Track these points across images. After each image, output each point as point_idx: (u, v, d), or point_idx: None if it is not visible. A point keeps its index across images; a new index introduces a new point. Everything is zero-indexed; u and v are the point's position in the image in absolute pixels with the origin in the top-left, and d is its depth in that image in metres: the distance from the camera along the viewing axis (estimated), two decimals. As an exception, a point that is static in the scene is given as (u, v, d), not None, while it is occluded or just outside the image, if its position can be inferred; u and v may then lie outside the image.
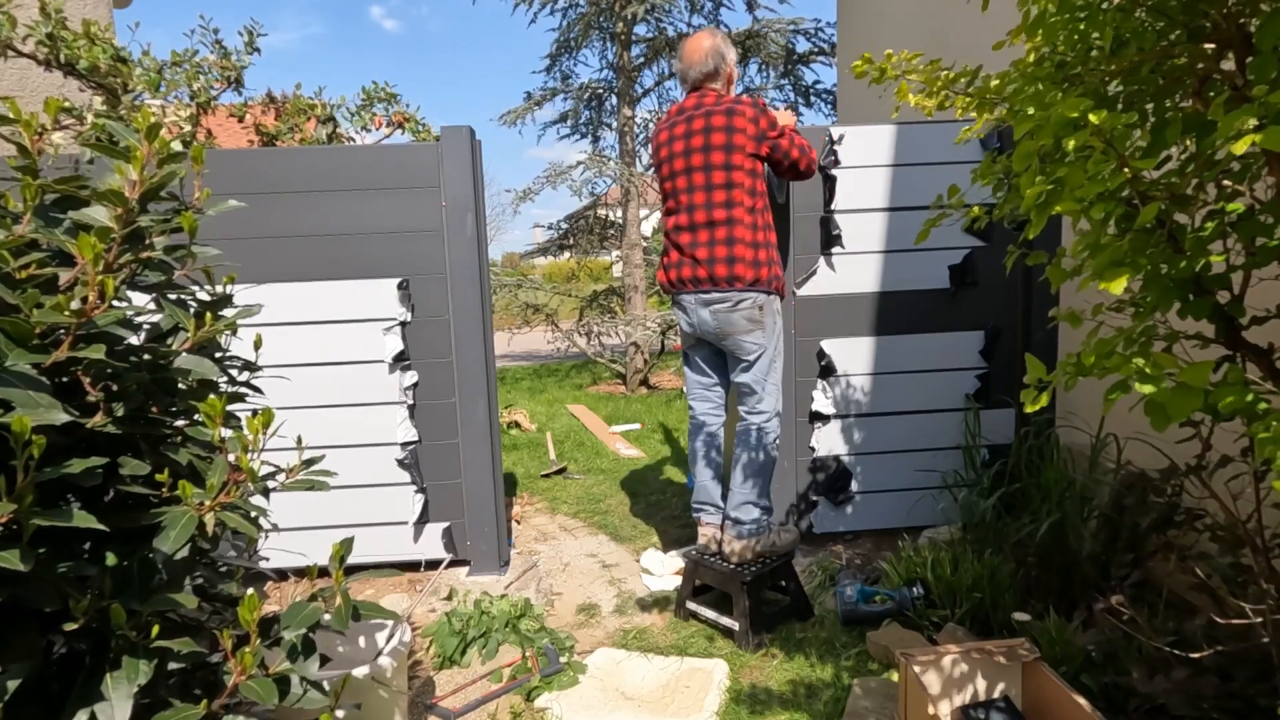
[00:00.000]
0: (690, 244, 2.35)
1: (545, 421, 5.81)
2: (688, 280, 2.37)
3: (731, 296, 2.31)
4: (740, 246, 2.29)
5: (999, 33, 1.37)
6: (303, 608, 1.16)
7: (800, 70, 8.60)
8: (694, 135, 2.34)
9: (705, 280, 2.33)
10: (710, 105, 2.35)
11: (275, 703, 1.02)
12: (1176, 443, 1.79)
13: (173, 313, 1.12)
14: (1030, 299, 2.83)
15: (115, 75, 3.17)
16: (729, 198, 2.30)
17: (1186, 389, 0.97)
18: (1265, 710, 1.49)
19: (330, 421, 2.73)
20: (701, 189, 2.33)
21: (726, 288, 2.30)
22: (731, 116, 2.30)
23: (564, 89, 8.35)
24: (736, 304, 2.31)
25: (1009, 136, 2.69)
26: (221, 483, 1.01)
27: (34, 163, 1.00)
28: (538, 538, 3.32)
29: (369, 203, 2.70)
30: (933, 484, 2.89)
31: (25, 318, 0.88)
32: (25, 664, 0.88)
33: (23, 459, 0.79)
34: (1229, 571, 1.70)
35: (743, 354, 2.38)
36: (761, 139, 2.30)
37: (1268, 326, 1.28)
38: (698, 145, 2.32)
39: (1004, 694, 1.73)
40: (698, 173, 2.33)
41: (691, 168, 2.34)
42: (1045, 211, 1.12)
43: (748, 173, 2.30)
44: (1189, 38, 1.12)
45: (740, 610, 2.27)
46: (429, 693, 2.10)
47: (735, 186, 2.30)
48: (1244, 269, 1.21)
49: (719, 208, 2.30)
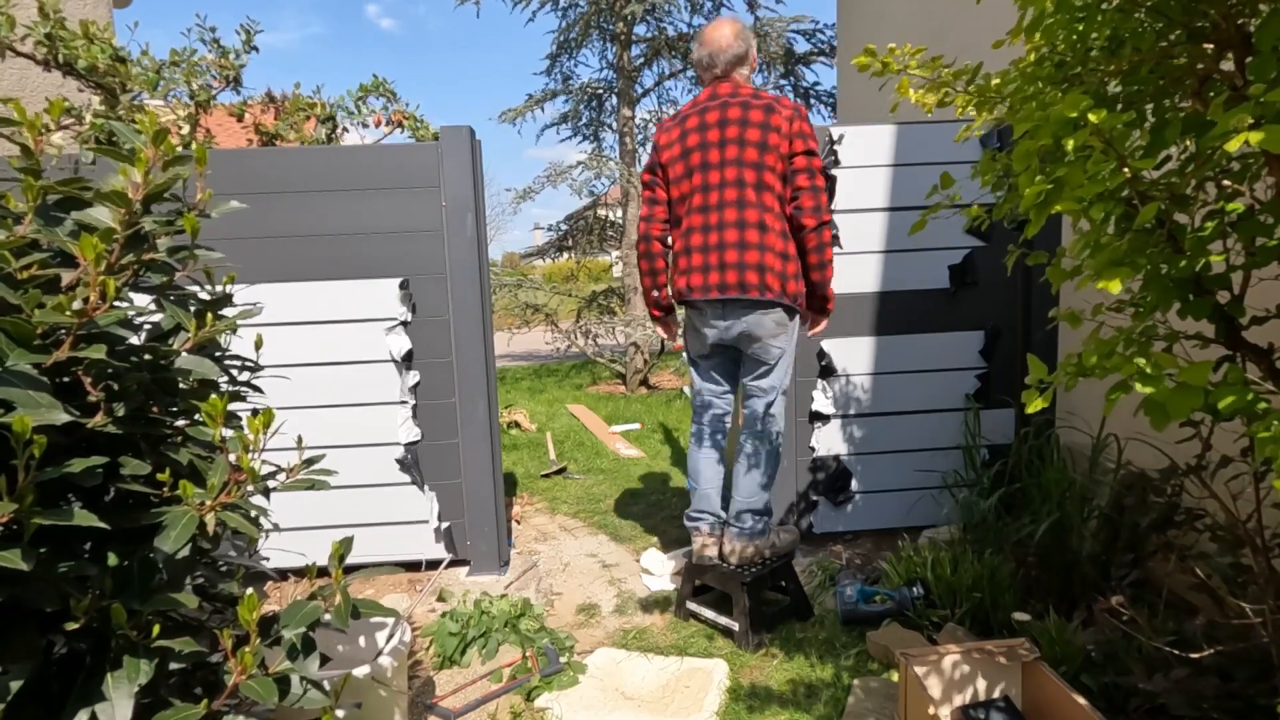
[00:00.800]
0: (717, 245, 2.16)
1: (545, 421, 5.81)
2: (713, 286, 2.18)
3: (760, 304, 2.17)
4: (771, 255, 2.13)
5: (999, 32, 1.38)
6: (302, 606, 1.16)
7: (800, 71, 8.61)
8: (728, 125, 2.14)
9: (734, 286, 2.15)
10: (747, 96, 2.16)
11: (276, 702, 1.02)
12: (1176, 443, 1.79)
13: (174, 313, 1.12)
14: (1030, 299, 2.83)
15: (114, 75, 3.17)
16: (761, 200, 2.13)
17: (1186, 388, 0.97)
18: (1265, 710, 1.49)
19: (330, 421, 2.73)
20: (733, 185, 2.14)
21: (757, 295, 2.14)
22: (770, 114, 2.12)
23: (564, 90, 8.35)
24: (765, 311, 2.18)
25: (1008, 135, 2.69)
26: (222, 483, 1.01)
27: (37, 163, 1.00)
28: (538, 538, 3.32)
29: (369, 203, 2.70)
30: (933, 484, 2.89)
31: (26, 318, 0.88)
32: (26, 664, 0.88)
33: (23, 459, 0.79)
34: (1229, 571, 1.70)
35: (767, 358, 2.25)
36: (796, 137, 2.12)
37: (1268, 326, 1.29)
38: (733, 136, 2.13)
39: (1004, 694, 1.74)
40: (730, 167, 2.14)
41: (725, 161, 2.14)
42: (1045, 211, 1.12)
43: (779, 176, 2.13)
44: (1188, 38, 1.12)
45: (740, 610, 2.27)
46: (429, 692, 2.10)
47: (767, 189, 2.13)
48: (1244, 269, 1.21)
49: (751, 208, 2.13)
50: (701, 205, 2.20)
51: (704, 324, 2.27)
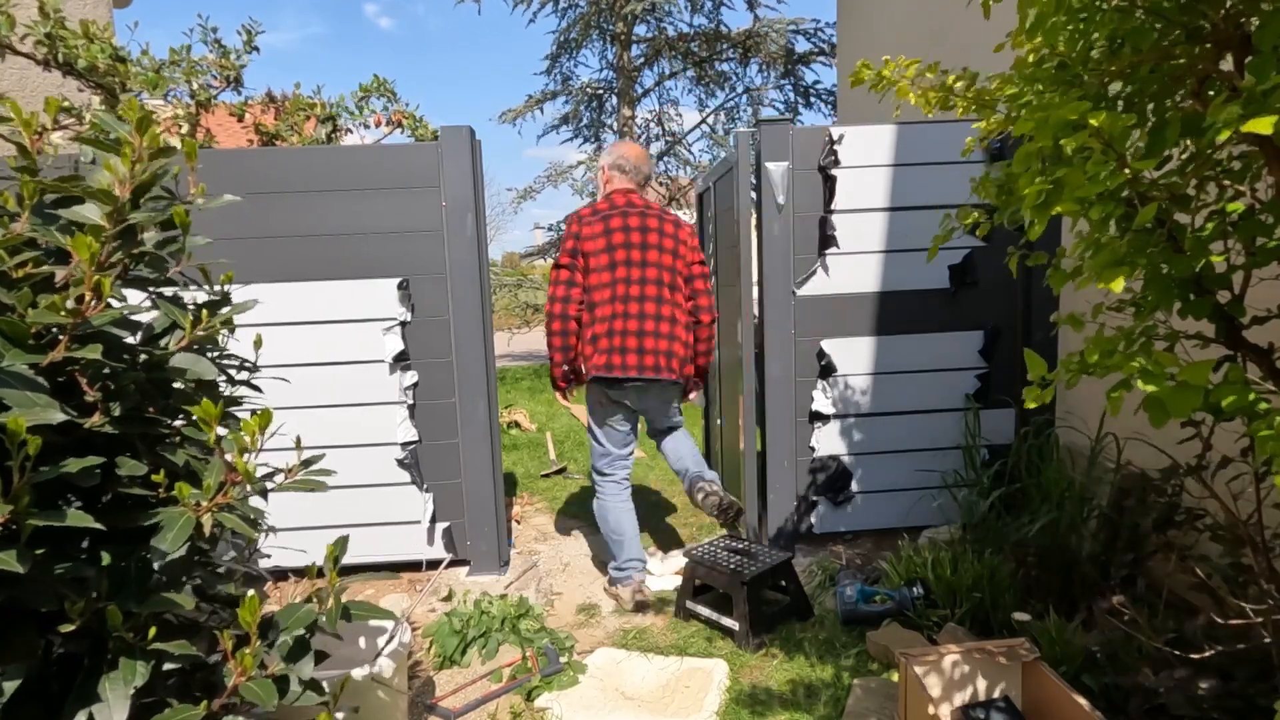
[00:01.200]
0: (637, 332, 2.52)
1: (545, 421, 5.81)
2: (633, 366, 2.51)
3: (673, 383, 2.60)
4: (678, 344, 2.57)
5: (999, 32, 1.37)
6: (297, 609, 1.16)
7: (800, 70, 8.61)
8: (649, 232, 2.54)
9: (662, 369, 2.54)
10: (658, 211, 2.62)
11: (275, 704, 1.01)
12: (1177, 443, 1.79)
13: (168, 310, 1.12)
14: (1030, 299, 2.83)
15: (114, 75, 3.16)
16: (674, 298, 2.58)
17: (1187, 388, 0.97)
18: (1265, 710, 1.48)
19: (330, 421, 2.73)
20: (654, 284, 2.54)
21: (671, 376, 2.56)
22: (678, 229, 2.60)
23: (564, 90, 8.36)
24: (674, 387, 2.64)
25: (1009, 141, 2.68)
26: (219, 484, 1.00)
27: (33, 162, 1.00)
28: (538, 538, 3.32)
29: (369, 203, 2.70)
30: (933, 484, 2.88)
31: (21, 317, 0.88)
32: (23, 665, 0.88)
33: (18, 459, 0.79)
34: (1229, 571, 1.70)
35: (673, 414, 2.75)
36: (693, 250, 2.61)
37: (1268, 326, 1.28)
38: (653, 243, 2.54)
39: (1004, 694, 1.73)
40: (650, 268, 2.54)
41: (646, 263, 2.53)
42: (1045, 213, 1.11)
43: (682, 280, 2.60)
44: (1187, 38, 1.11)
45: (740, 611, 2.27)
46: (429, 693, 2.10)
47: (677, 290, 2.59)
48: (1244, 269, 1.21)
49: (667, 304, 2.56)
50: (624, 296, 2.53)
51: (621, 396, 2.59)
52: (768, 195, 2.79)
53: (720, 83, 9.29)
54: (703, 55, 8.98)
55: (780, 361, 2.87)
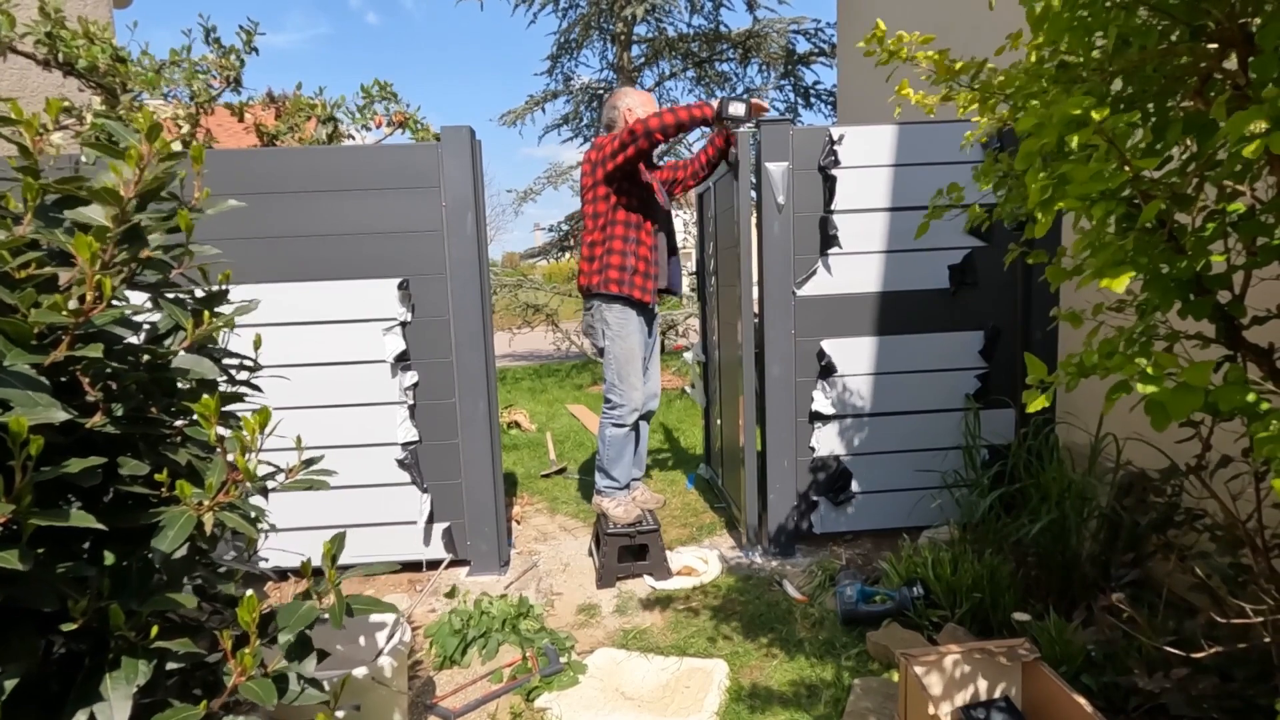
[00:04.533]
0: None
1: (545, 421, 5.81)
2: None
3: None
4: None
5: (999, 33, 1.37)
6: (298, 607, 1.16)
7: (800, 70, 8.61)
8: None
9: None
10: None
11: (275, 703, 1.02)
12: (1176, 443, 1.79)
13: (171, 312, 1.12)
14: (1030, 299, 2.83)
15: (114, 75, 3.16)
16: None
17: (1187, 388, 0.97)
18: (1265, 710, 1.49)
19: (331, 422, 2.73)
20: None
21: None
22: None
23: (565, 90, 8.36)
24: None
25: (1010, 136, 2.69)
26: (220, 483, 1.00)
27: (35, 163, 1.00)
28: (538, 538, 3.32)
29: (369, 203, 2.70)
30: (933, 484, 2.89)
31: (23, 317, 0.88)
32: (23, 664, 0.88)
33: (20, 459, 0.79)
34: (1229, 571, 1.70)
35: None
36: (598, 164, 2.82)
37: (1268, 326, 1.28)
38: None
39: (1004, 694, 1.73)
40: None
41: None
42: (1049, 208, 1.11)
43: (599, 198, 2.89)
44: (1191, 37, 1.12)
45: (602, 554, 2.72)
46: (429, 693, 2.10)
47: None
48: (1245, 269, 1.21)
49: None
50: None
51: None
52: (768, 195, 2.79)
53: (720, 83, 9.32)
54: (703, 56, 9.01)
55: (780, 361, 2.87)
